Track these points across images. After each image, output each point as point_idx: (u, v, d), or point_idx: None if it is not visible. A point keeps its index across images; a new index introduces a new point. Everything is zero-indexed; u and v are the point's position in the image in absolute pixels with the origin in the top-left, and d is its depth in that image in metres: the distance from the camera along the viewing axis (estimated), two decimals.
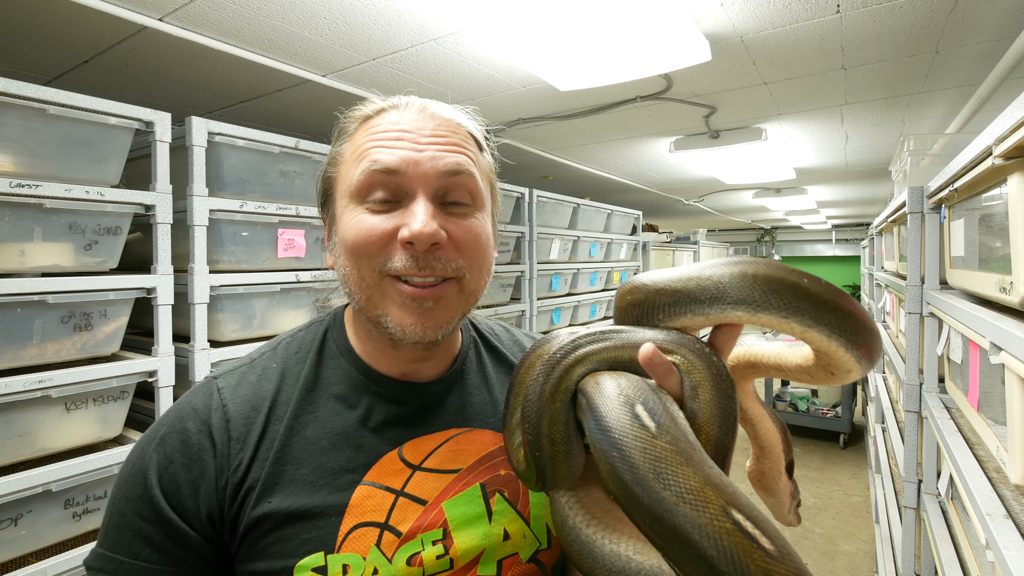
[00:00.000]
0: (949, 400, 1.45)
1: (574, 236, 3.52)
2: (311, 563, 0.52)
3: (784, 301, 0.45)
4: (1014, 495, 0.88)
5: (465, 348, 0.70)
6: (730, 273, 0.47)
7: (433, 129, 0.57)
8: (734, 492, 0.37)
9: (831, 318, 0.45)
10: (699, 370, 0.47)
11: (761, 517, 0.36)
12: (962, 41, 1.83)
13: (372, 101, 0.61)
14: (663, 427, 0.41)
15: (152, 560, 0.52)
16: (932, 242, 1.52)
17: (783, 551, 0.34)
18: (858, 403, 5.64)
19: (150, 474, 0.54)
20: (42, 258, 1.28)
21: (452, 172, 0.56)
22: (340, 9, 1.59)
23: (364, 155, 0.56)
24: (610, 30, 1.62)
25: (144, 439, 0.57)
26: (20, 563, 1.24)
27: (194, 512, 0.53)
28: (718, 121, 2.85)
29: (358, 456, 0.57)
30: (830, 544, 3.38)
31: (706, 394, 0.46)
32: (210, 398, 0.58)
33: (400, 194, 0.55)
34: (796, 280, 0.45)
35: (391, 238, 0.54)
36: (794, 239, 12.43)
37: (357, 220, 0.55)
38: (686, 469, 0.38)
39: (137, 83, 2.18)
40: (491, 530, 0.59)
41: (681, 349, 0.48)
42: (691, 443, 0.41)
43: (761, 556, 0.33)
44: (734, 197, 6.08)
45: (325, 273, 0.67)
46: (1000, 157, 0.88)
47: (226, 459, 0.54)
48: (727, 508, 0.35)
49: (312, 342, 0.65)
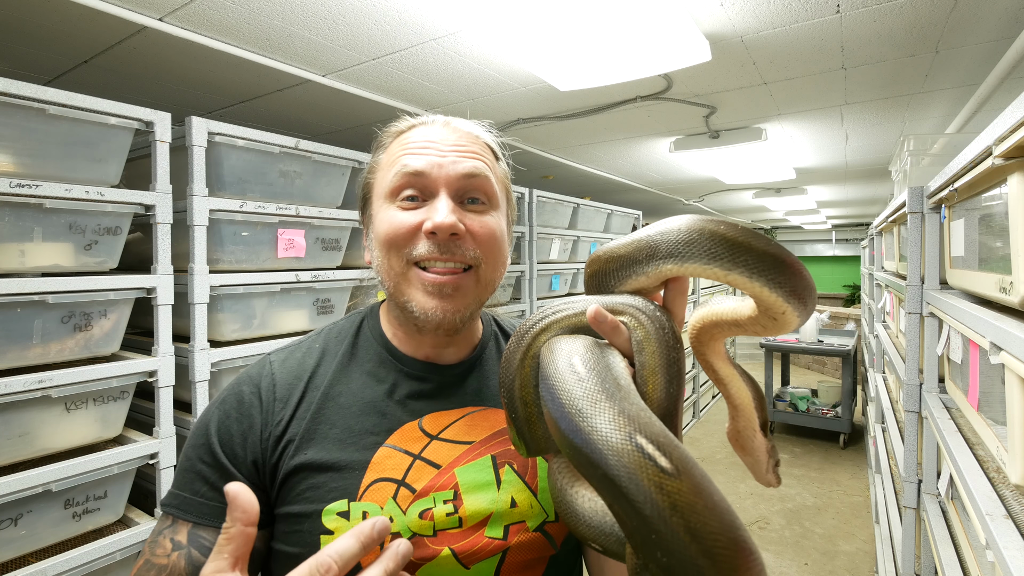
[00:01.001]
0: (949, 400, 1.45)
1: (574, 236, 3.52)
2: (336, 508, 0.61)
3: (704, 249, 0.48)
4: (1014, 495, 0.88)
5: (486, 338, 0.78)
6: (659, 231, 0.51)
7: (455, 140, 0.68)
8: (647, 422, 0.38)
9: (748, 259, 0.47)
10: (643, 326, 0.50)
11: (667, 442, 0.37)
12: (962, 41, 1.83)
13: (405, 119, 0.72)
14: (592, 370, 0.44)
15: (208, 497, 0.62)
16: (932, 242, 1.52)
17: (681, 468, 0.35)
18: (858, 403, 5.64)
19: (211, 427, 0.65)
20: (42, 258, 1.28)
21: (470, 175, 0.66)
22: (340, 9, 1.59)
23: (396, 161, 0.66)
24: (610, 30, 1.62)
25: (212, 401, 0.68)
26: (20, 563, 1.24)
27: (242, 459, 0.63)
28: (718, 121, 2.85)
29: (382, 422, 0.66)
30: (830, 544, 3.38)
31: (650, 347, 0.49)
32: (263, 368, 0.69)
33: (426, 193, 0.65)
34: (713, 228, 0.48)
35: (417, 230, 0.64)
36: (794, 239, 12.43)
37: (390, 216, 0.65)
38: (605, 404, 0.40)
39: (137, 83, 2.18)
40: (499, 496, 0.65)
41: (630, 308, 0.52)
42: (619, 385, 0.43)
43: (655, 471, 0.35)
44: (734, 197, 6.08)
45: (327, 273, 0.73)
46: (1000, 157, 0.88)
47: (271, 415, 0.65)
48: (632, 434, 0.37)
49: (350, 328, 0.75)
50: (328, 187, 1.91)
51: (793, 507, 3.87)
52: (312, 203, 1.85)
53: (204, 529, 0.61)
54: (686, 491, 0.34)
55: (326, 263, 1.91)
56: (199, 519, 0.61)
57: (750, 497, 4.02)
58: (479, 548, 0.62)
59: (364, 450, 0.64)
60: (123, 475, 1.42)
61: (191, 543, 0.60)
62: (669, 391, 0.48)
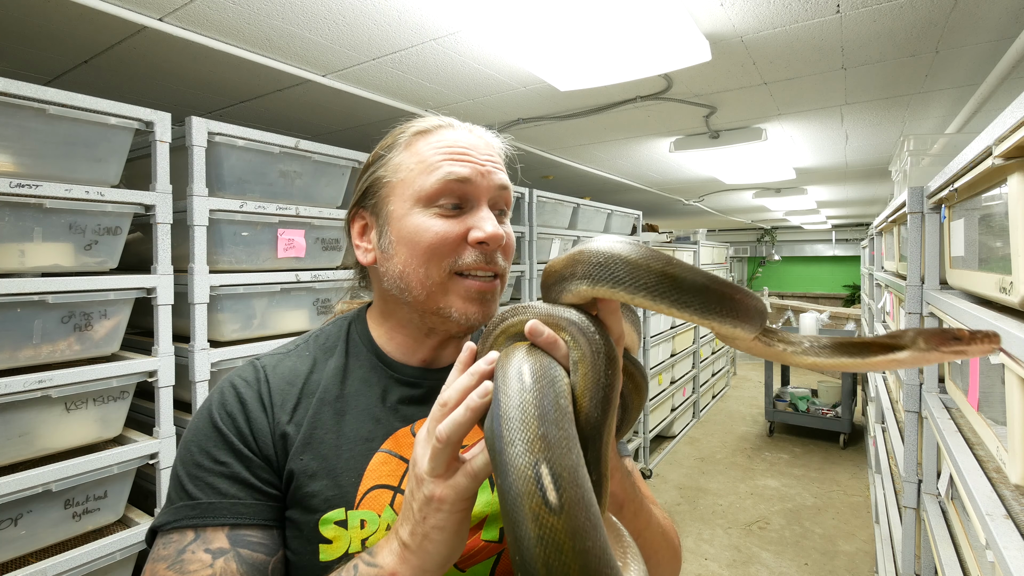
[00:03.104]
0: (949, 400, 1.45)
1: (574, 236, 3.52)
2: (334, 517, 0.60)
3: (609, 273, 0.47)
4: (1014, 495, 0.88)
5: (476, 338, 0.76)
6: (580, 250, 0.50)
7: (484, 148, 0.68)
8: (562, 453, 0.39)
9: (649, 282, 0.46)
10: (580, 347, 0.49)
11: (569, 478, 0.38)
12: (962, 41, 1.82)
13: (424, 117, 0.71)
14: (537, 382, 0.44)
15: (238, 496, 0.59)
16: (932, 242, 1.52)
17: (567, 507, 0.36)
18: (858, 403, 5.64)
19: (220, 425, 0.62)
20: (42, 258, 1.28)
21: (503, 186, 0.68)
22: (340, 9, 1.59)
23: (436, 166, 0.64)
24: (610, 30, 1.62)
25: (203, 406, 0.66)
26: (20, 563, 1.24)
27: (257, 452, 0.62)
28: (718, 121, 2.85)
29: (376, 428, 0.65)
30: (830, 544, 3.38)
31: (583, 368, 0.48)
32: (257, 372, 0.67)
33: (466, 201, 0.65)
34: (619, 251, 0.47)
35: (462, 239, 0.64)
36: (794, 239, 12.41)
37: (432, 223, 0.64)
38: (534, 422, 0.40)
39: (137, 83, 2.18)
40: (492, 498, 0.65)
41: (570, 327, 0.51)
42: (557, 405, 0.43)
43: (539, 502, 0.36)
44: (734, 197, 6.08)
45: (327, 273, 0.72)
46: (1000, 157, 0.88)
47: (272, 414, 0.64)
48: (539, 461, 0.38)
49: (338, 334, 0.74)
50: (328, 187, 1.91)
51: (793, 507, 3.87)
52: (312, 203, 1.85)
53: (245, 529, 0.58)
54: (560, 530, 0.36)
55: (326, 263, 1.91)
56: (237, 519, 0.58)
57: (750, 497, 4.02)
58: (475, 551, 0.62)
59: (360, 456, 0.63)
60: (123, 475, 1.42)
61: (236, 544, 0.57)
62: (592, 415, 0.47)
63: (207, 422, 0.63)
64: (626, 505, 0.59)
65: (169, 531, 0.57)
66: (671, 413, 5.10)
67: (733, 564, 3.18)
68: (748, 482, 4.28)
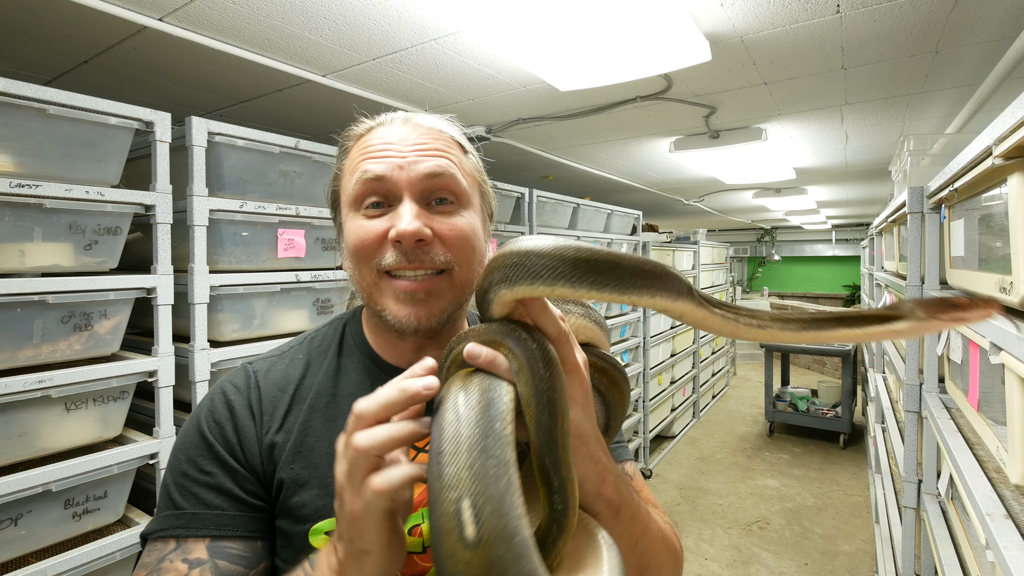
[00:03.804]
0: (949, 400, 1.45)
1: (574, 236, 3.52)
2: (325, 527, 0.59)
3: (524, 270, 0.46)
4: (1014, 495, 0.88)
5: None
6: (492, 257, 0.50)
7: (416, 138, 0.64)
8: (488, 484, 0.39)
9: (564, 270, 0.45)
10: (517, 356, 0.49)
11: (492, 511, 0.37)
12: (962, 41, 1.83)
13: (363, 121, 0.69)
14: (472, 410, 0.44)
15: (222, 507, 0.59)
16: (932, 242, 1.52)
17: (485, 541, 0.36)
18: (858, 403, 5.64)
19: (207, 434, 0.62)
20: (42, 258, 1.28)
21: (433, 174, 0.63)
22: (340, 9, 1.59)
23: (356, 168, 0.64)
24: (610, 30, 1.62)
25: (193, 414, 0.65)
26: (20, 563, 1.24)
27: (244, 463, 0.61)
28: (718, 121, 2.85)
29: None
30: (830, 544, 3.38)
31: (523, 377, 0.48)
32: (248, 378, 0.67)
33: (390, 198, 0.63)
34: (528, 246, 0.47)
35: (384, 238, 0.62)
36: (794, 239, 12.41)
37: (356, 226, 0.63)
38: (463, 454, 0.40)
39: (137, 83, 2.18)
40: None
41: (505, 339, 0.50)
42: (492, 430, 0.42)
43: (456, 537, 0.36)
44: (734, 197, 6.08)
45: (327, 273, 0.71)
46: (1000, 157, 0.88)
47: (261, 424, 0.63)
48: (462, 496, 0.38)
49: (333, 335, 0.73)
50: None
51: (793, 507, 3.87)
52: (312, 203, 1.85)
53: (226, 541, 0.58)
54: (474, 564, 0.36)
55: (326, 263, 1.91)
56: (219, 531, 0.58)
57: (750, 497, 4.02)
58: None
59: None
60: (123, 475, 1.42)
61: (214, 555, 0.57)
62: (542, 419, 0.46)
63: (195, 431, 0.63)
64: (622, 510, 0.57)
65: (155, 539, 0.58)
66: (671, 413, 5.10)
67: (733, 564, 3.18)
68: (748, 482, 4.29)
